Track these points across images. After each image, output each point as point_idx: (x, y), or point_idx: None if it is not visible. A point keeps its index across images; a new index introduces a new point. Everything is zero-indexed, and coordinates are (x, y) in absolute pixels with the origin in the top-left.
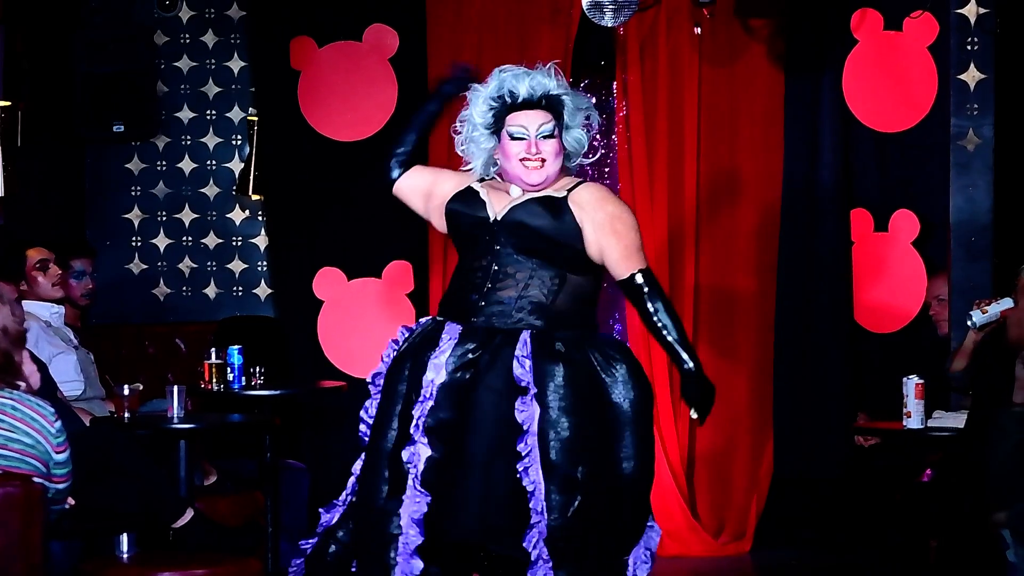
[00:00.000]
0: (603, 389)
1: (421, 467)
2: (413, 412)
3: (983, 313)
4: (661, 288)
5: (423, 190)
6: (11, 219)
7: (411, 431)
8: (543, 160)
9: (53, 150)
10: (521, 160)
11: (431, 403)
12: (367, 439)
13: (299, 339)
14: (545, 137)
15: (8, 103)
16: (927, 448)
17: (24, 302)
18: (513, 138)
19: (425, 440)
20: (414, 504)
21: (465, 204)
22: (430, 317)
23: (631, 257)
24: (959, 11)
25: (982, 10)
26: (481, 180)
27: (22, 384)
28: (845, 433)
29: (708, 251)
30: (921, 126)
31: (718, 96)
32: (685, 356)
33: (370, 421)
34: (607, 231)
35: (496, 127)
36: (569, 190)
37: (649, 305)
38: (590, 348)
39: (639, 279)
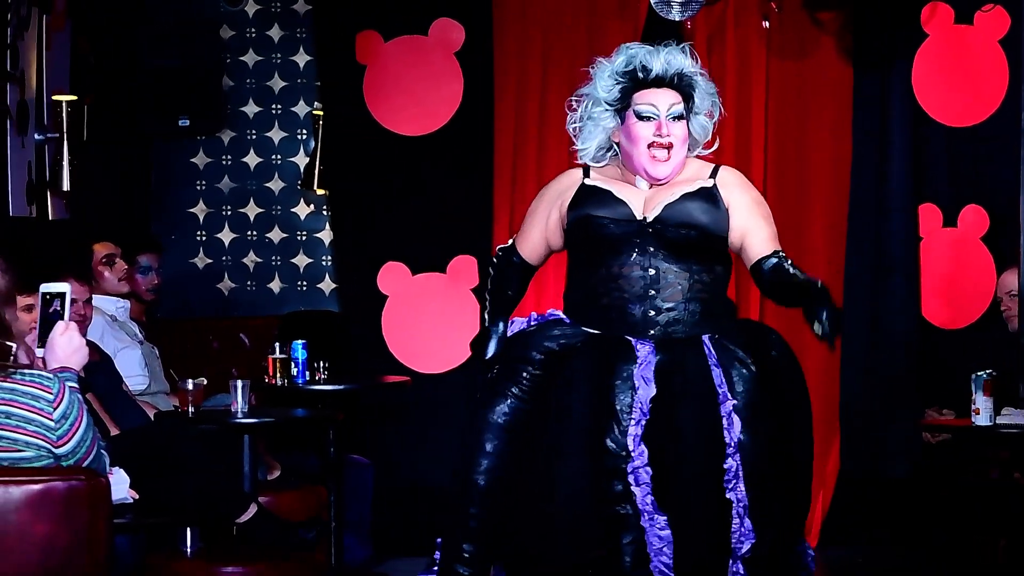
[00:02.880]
0: (772, 381)
1: (648, 495)
2: (628, 429)
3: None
4: None
5: (543, 244)
6: (77, 214)
7: (631, 451)
8: (670, 145)
9: (119, 145)
10: (649, 145)
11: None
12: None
13: (363, 334)
14: (675, 119)
15: (75, 98)
16: (996, 446)
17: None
18: (640, 117)
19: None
20: (655, 528)
21: (602, 206)
22: (578, 325)
23: (775, 239)
24: None
25: None
26: (586, 173)
27: (13, 346)
28: (913, 430)
29: None
30: (991, 120)
31: (786, 90)
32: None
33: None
34: (757, 214)
35: (621, 105)
36: (712, 175)
37: (794, 272)
38: (748, 339)
39: (782, 254)
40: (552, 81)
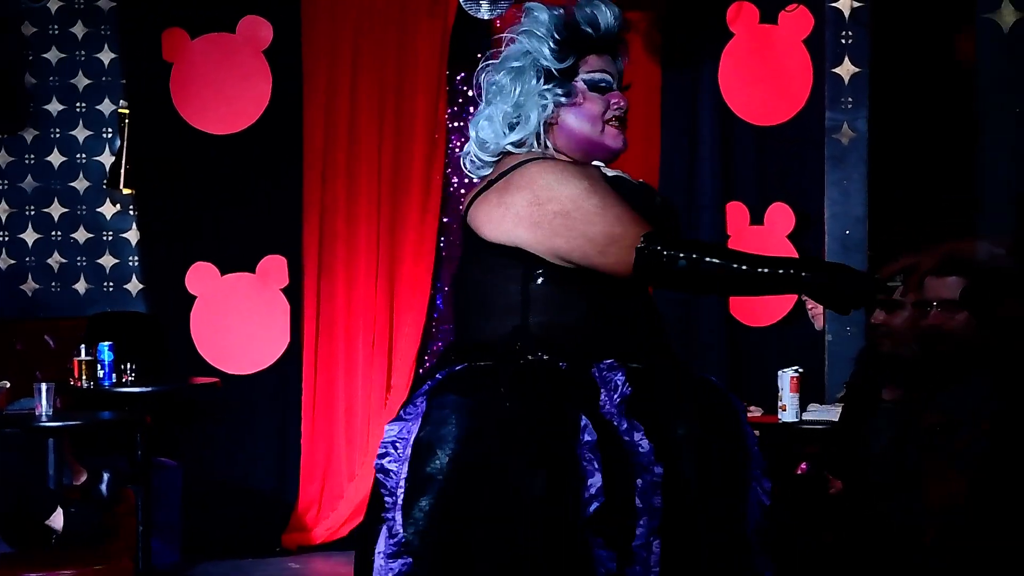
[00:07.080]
0: None
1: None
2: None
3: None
4: None
5: None
6: None
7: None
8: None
9: None
10: (608, 120)
11: None
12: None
13: (172, 335)
14: (623, 88)
15: None
16: (802, 441)
17: None
18: (595, 88)
19: None
20: None
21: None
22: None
23: None
24: (833, 5)
25: (856, 3)
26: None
27: None
28: None
29: None
30: (796, 120)
31: None
32: None
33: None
34: None
35: (567, 76)
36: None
37: None
38: None
39: None
40: (362, 80)
